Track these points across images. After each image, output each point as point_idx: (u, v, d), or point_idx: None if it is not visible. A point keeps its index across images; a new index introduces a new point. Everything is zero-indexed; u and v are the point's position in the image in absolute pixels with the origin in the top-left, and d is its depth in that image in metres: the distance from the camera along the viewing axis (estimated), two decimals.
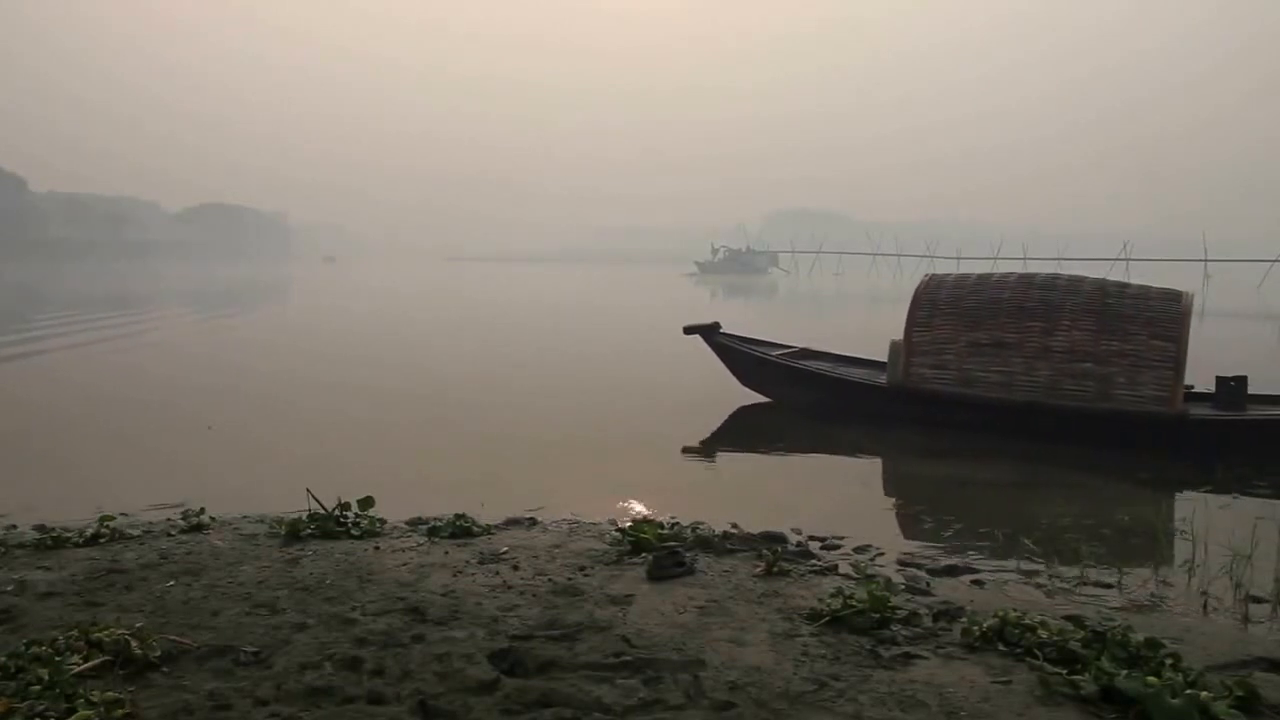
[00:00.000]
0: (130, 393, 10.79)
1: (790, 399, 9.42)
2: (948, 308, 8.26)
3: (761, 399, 9.71)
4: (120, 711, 2.49)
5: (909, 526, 5.47)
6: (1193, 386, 7.88)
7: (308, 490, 4.84)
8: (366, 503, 4.84)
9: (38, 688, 2.56)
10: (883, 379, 8.65)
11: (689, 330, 10.06)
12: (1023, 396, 7.80)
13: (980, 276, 8.67)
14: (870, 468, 7.15)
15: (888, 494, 6.28)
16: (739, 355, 9.90)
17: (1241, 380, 7.79)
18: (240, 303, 31.05)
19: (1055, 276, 8.37)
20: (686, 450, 7.81)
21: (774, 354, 9.83)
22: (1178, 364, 7.38)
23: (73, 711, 2.44)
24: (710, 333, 9.99)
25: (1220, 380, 7.87)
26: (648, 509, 5.72)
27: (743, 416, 9.32)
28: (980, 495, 6.38)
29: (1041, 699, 2.67)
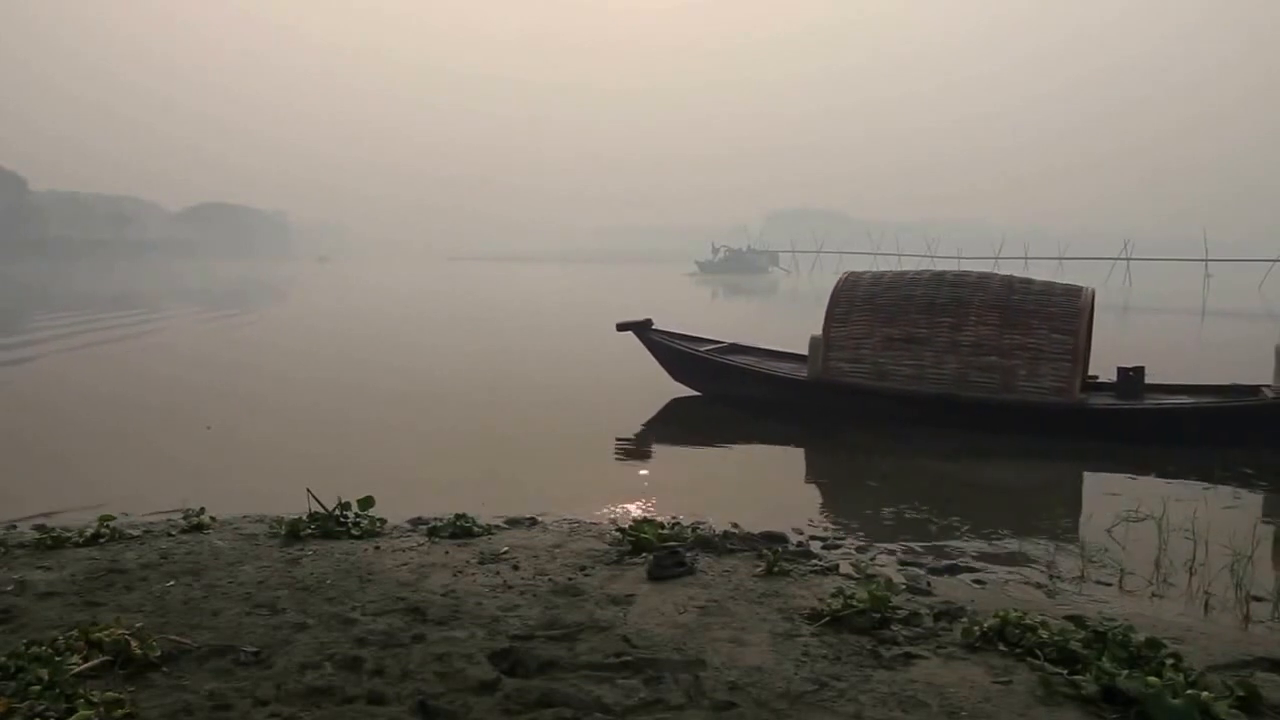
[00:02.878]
0: (130, 393, 10.78)
1: (718, 393, 9.60)
2: (864, 304, 8.59)
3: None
4: (120, 711, 2.49)
5: (910, 526, 5.46)
6: (1096, 377, 8.32)
7: (308, 490, 4.84)
8: (366, 503, 4.84)
9: (38, 688, 2.56)
10: (804, 373, 8.83)
11: (621, 327, 10.21)
12: (932, 388, 8.07)
13: (895, 274, 9.02)
14: (871, 467, 7.14)
15: (889, 493, 6.27)
16: (668, 351, 10.04)
17: (1139, 371, 8.23)
18: (238, 302, 31.04)
19: (965, 274, 8.71)
20: (688, 450, 7.79)
21: (702, 349, 10.02)
22: (1075, 356, 7.74)
23: (73, 711, 2.44)
24: (642, 329, 10.16)
25: (1120, 370, 8.31)
26: (648, 508, 5.72)
27: (742, 416, 9.32)
28: (981, 495, 6.38)
29: (1042, 699, 2.67)
